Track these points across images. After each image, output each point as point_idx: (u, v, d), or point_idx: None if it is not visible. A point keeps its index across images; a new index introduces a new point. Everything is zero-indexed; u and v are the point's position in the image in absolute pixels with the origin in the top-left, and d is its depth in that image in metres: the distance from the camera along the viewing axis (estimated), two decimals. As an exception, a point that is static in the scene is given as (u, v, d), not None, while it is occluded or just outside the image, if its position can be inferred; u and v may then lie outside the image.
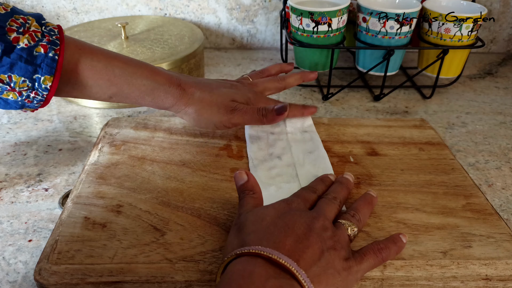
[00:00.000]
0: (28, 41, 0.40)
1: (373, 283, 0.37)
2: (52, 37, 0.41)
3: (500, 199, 0.51)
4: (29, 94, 0.41)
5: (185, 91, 0.48)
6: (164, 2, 0.86)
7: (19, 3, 0.85)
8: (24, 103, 0.42)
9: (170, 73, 0.49)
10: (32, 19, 0.41)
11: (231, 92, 0.50)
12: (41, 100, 0.42)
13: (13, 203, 0.49)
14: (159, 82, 0.47)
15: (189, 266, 0.36)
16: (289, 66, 0.60)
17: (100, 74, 0.44)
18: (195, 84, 0.49)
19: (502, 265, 0.37)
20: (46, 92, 0.42)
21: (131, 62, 0.47)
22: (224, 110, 0.48)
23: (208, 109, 0.48)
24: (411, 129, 0.56)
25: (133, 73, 0.46)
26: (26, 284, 0.40)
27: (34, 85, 0.41)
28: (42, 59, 0.40)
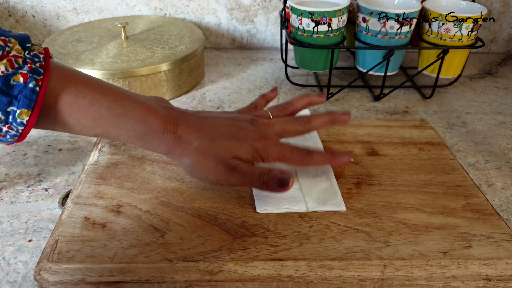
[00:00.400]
0: (6, 68, 0.34)
1: (373, 283, 0.37)
2: (35, 64, 0.36)
3: (500, 199, 0.51)
4: (1, 127, 0.36)
5: (181, 139, 0.41)
6: (164, 2, 0.86)
7: (19, 3, 0.85)
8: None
9: (169, 111, 0.42)
10: (15, 42, 0.36)
11: (235, 145, 0.41)
12: (15, 135, 0.37)
13: (13, 203, 0.49)
14: (152, 127, 0.40)
15: (189, 266, 0.36)
16: (321, 98, 0.50)
17: (84, 113, 0.38)
18: (194, 129, 0.41)
19: (502, 265, 0.37)
20: (22, 127, 0.36)
21: (122, 99, 0.40)
22: (222, 168, 0.40)
23: (204, 164, 0.40)
24: (411, 129, 0.56)
25: (123, 114, 0.39)
26: (26, 284, 0.40)
27: (7, 118, 0.35)
28: (20, 89, 0.35)
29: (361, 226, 0.41)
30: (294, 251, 0.38)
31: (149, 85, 0.67)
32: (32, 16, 0.87)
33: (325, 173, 0.47)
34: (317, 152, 0.44)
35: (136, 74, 0.66)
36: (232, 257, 0.37)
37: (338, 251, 0.38)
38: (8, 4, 0.86)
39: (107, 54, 0.69)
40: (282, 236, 0.39)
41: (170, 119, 0.41)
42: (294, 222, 0.41)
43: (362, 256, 0.37)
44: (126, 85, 0.66)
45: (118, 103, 0.39)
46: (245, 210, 0.42)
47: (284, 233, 0.40)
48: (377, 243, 0.39)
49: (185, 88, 0.73)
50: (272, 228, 0.40)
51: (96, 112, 0.38)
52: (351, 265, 0.37)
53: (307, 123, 0.46)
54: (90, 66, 0.65)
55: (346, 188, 0.46)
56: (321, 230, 0.40)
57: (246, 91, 0.74)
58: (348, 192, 0.45)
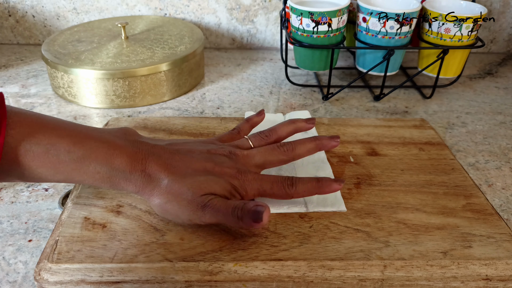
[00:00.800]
0: None
1: (373, 283, 0.37)
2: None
3: (500, 199, 0.51)
4: None
5: (151, 177, 0.38)
6: (164, 2, 0.86)
7: (19, 3, 0.85)
8: None
9: (137, 147, 0.39)
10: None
11: (208, 181, 0.38)
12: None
13: (13, 203, 0.49)
14: (117, 168, 0.37)
15: (189, 266, 0.36)
16: (309, 125, 0.48)
17: (41, 161, 0.35)
18: (165, 166, 0.38)
19: (502, 265, 0.37)
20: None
21: (83, 140, 0.37)
22: (195, 206, 0.37)
23: (175, 204, 0.38)
24: (411, 129, 0.56)
25: (84, 157, 0.36)
26: (26, 284, 0.40)
27: None
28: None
29: (361, 226, 0.41)
30: (294, 251, 0.38)
31: (149, 85, 0.67)
32: (32, 16, 0.87)
33: (325, 174, 0.47)
34: (301, 181, 0.40)
35: (136, 74, 0.66)
36: (232, 257, 0.37)
37: (338, 251, 0.38)
38: (8, 4, 0.86)
39: (107, 54, 0.69)
40: (282, 236, 0.39)
41: (138, 156, 0.38)
42: (294, 222, 0.41)
43: (362, 256, 0.37)
44: (126, 85, 0.66)
45: (79, 145, 0.36)
46: (245, 210, 0.42)
47: (284, 233, 0.40)
48: (377, 243, 0.39)
49: (185, 88, 0.73)
50: (272, 228, 0.40)
51: (54, 158, 0.35)
52: (351, 265, 0.37)
53: (291, 151, 0.43)
54: (90, 66, 0.65)
55: (346, 188, 0.46)
56: (321, 230, 0.40)
57: (246, 91, 0.74)
58: (348, 192, 0.45)
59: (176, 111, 0.68)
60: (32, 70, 0.79)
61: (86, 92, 0.67)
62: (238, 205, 0.37)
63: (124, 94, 0.67)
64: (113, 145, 0.38)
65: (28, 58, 0.84)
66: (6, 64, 0.82)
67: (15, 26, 0.88)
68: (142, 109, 0.68)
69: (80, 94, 0.67)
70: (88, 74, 0.65)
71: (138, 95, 0.67)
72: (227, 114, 0.67)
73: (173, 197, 0.38)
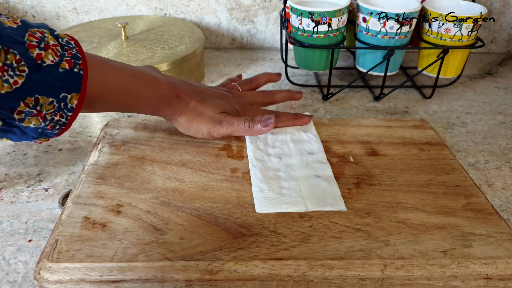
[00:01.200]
0: (53, 57, 0.36)
1: (373, 282, 0.37)
2: (72, 50, 0.38)
3: (500, 199, 0.51)
4: (53, 117, 0.38)
5: (182, 100, 0.49)
6: (164, 2, 0.86)
7: (19, 3, 0.85)
8: (45, 130, 0.39)
9: (168, 79, 0.49)
10: (47, 31, 0.37)
11: (222, 103, 0.51)
12: (63, 124, 0.39)
13: (13, 203, 0.49)
14: (162, 93, 0.47)
15: (189, 266, 0.36)
16: (277, 77, 0.63)
17: (112, 90, 0.43)
18: (190, 92, 0.50)
19: (502, 264, 0.37)
20: (71, 113, 0.39)
21: (136, 73, 0.46)
22: (214, 121, 0.49)
23: (199, 119, 0.49)
24: (411, 129, 0.56)
25: (141, 86, 0.45)
26: (26, 284, 0.40)
27: (60, 105, 0.38)
28: (68, 75, 0.37)
29: (361, 225, 0.41)
30: (294, 251, 0.38)
31: (149, 85, 0.67)
32: (32, 16, 0.87)
33: (325, 174, 0.47)
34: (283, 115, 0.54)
35: (136, 74, 0.65)
36: (232, 257, 0.37)
37: (338, 251, 0.38)
38: (8, 4, 0.86)
39: (107, 54, 0.69)
40: (282, 235, 0.39)
41: (172, 85, 0.48)
42: (294, 222, 0.41)
43: (362, 256, 0.37)
44: (126, 85, 0.66)
45: (136, 77, 0.45)
46: (245, 210, 0.42)
47: (284, 232, 0.40)
48: (377, 242, 0.39)
49: (185, 88, 0.73)
50: (272, 228, 0.40)
51: (121, 88, 0.43)
52: (351, 264, 0.37)
53: (271, 96, 0.58)
54: (90, 66, 0.65)
55: (346, 188, 0.46)
56: (321, 230, 0.40)
57: (246, 91, 0.74)
58: (348, 192, 0.45)
59: (176, 111, 0.68)
60: (32, 70, 0.79)
61: (86, 92, 0.67)
62: (248, 118, 0.50)
63: (124, 94, 0.66)
64: (156, 78, 0.47)
65: (28, 58, 0.84)
66: (6, 64, 0.82)
67: (15, 26, 0.88)
68: (142, 109, 0.68)
69: (80, 94, 0.67)
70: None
71: (138, 95, 0.67)
72: (227, 114, 0.67)
73: (197, 114, 0.49)
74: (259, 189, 0.44)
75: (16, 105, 0.35)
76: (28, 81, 0.35)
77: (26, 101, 0.35)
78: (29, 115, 0.37)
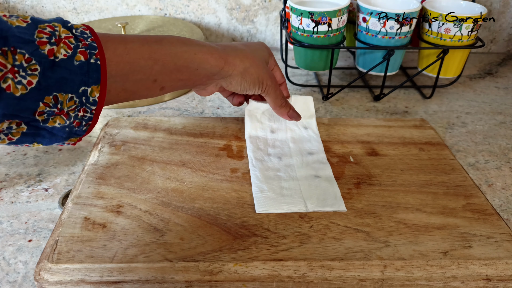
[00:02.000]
0: (65, 51, 0.34)
1: (373, 283, 0.37)
2: (87, 40, 0.36)
3: (500, 199, 0.51)
4: (77, 114, 0.36)
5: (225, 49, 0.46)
6: (164, 2, 0.86)
7: (19, 3, 0.85)
8: (72, 128, 0.37)
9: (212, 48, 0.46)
10: (59, 25, 0.35)
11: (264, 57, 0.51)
12: (89, 119, 0.37)
13: (13, 203, 0.49)
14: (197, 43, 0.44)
15: (189, 266, 0.36)
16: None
17: (139, 53, 0.39)
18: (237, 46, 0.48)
19: (502, 265, 0.37)
20: (95, 106, 0.36)
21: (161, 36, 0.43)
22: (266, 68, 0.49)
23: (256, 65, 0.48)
24: (411, 129, 0.56)
25: (170, 42, 0.42)
26: (26, 284, 0.40)
27: (81, 100, 0.36)
28: (85, 67, 0.35)
29: (361, 226, 0.41)
30: (294, 251, 0.38)
31: (149, 85, 0.67)
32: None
33: (325, 174, 0.47)
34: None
35: (136, 74, 0.65)
36: (232, 257, 0.37)
37: (338, 251, 0.38)
38: (8, 4, 0.86)
39: (107, 54, 0.69)
40: (282, 236, 0.39)
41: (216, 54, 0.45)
42: (294, 222, 0.41)
43: (362, 256, 0.37)
44: (126, 85, 0.66)
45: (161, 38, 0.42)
46: (245, 210, 0.42)
47: (284, 233, 0.40)
48: (377, 243, 0.39)
49: (185, 88, 0.73)
50: (272, 228, 0.40)
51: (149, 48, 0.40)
52: (351, 265, 0.37)
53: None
54: (90, 66, 0.65)
55: (346, 188, 0.46)
56: (321, 230, 0.40)
57: (246, 91, 0.74)
58: (348, 192, 0.45)
59: (176, 111, 0.68)
60: (32, 70, 0.79)
61: (86, 92, 0.67)
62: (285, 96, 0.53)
63: (124, 94, 0.66)
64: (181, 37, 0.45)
65: (28, 58, 0.84)
66: (6, 64, 0.82)
67: (15, 26, 0.88)
68: (142, 109, 0.68)
69: (80, 94, 0.67)
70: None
71: (138, 95, 0.67)
72: (227, 114, 0.67)
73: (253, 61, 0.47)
74: (259, 190, 0.44)
75: (36, 106, 0.34)
76: (42, 79, 0.33)
77: (45, 100, 0.34)
78: (52, 114, 0.35)
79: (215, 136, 0.54)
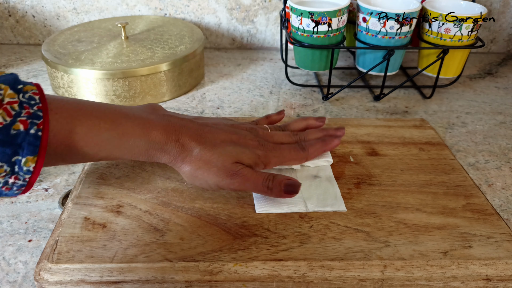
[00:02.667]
0: (3, 118, 0.32)
1: (373, 283, 0.37)
2: (32, 108, 0.33)
3: (500, 199, 0.51)
4: (7, 180, 0.34)
5: (184, 147, 0.41)
6: (164, 2, 0.86)
7: (19, 3, 0.85)
8: (1, 192, 0.35)
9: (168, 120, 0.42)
10: (5, 87, 0.33)
11: (237, 151, 0.42)
12: (22, 186, 0.35)
13: (13, 203, 0.49)
14: (154, 140, 0.40)
15: (189, 266, 0.36)
16: (320, 123, 0.51)
17: (85, 141, 0.37)
18: (195, 136, 0.42)
19: (502, 265, 0.37)
20: (29, 175, 0.34)
21: (120, 118, 0.39)
22: (224, 173, 0.41)
23: (205, 170, 0.41)
24: (411, 129, 0.56)
25: (123, 134, 0.39)
26: (26, 284, 0.40)
27: (13, 169, 0.33)
28: (22, 138, 0.32)
29: (361, 226, 0.41)
30: (294, 251, 0.38)
31: (149, 85, 0.67)
32: (32, 16, 0.87)
33: (325, 174, 0.47)
34: (310, 144, 0.47)
35: (136, 74, 0.66)
36: (232, 257, 0.37)
37: (338, 251, 0.38)
38: (8, 4, 0.86)
39: (107, 54, 0.69)
40: (282, 236, 0.39)
41: (170, 128, 0.41)
42: (294, 222, 0.41)
43: (362, 256, 0.37)
44: (126, 85, 0.66)
45: (117, 123, 0.39)
46: (245, 210, 0.42)
47: (284, 233, 0.40)
48: (377, 243, 0.39)
49: (185, 88, 0.73)
50: (272, 228, 0.40)
51: (97, 137, 0.38)
52: (351, 265, 0.37)
53: (303, 140, 0.48)
54: (90, 66, 0.65)
55: (346, 188, 0.46)
56: (321, 230, 0.40)
57: (246, 91, 0.74)
58: (348, 192, 0.45)
59: (176, 111, 0.68)
60: (32, 70, 0.79)
61: (86, 92, 0.67)
62: (269, 177, 0.41)
63: (124, 94, 0.67)
64: (148, 121, 0.41)
65: (28, 58, 0.84)
66: (6, 64, 0.82)
67: (15, 26, 0.88)
68: (142, 109, 0.68)
69: (80, 94, 0.67)
70: (88, 74, 0.65)
71: (138, 95, 0.67)
72: (227, 114, 0.67)
73: (204, 164, 0.41)
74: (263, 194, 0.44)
75: None
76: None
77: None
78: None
79: (215, 136, 0.54)
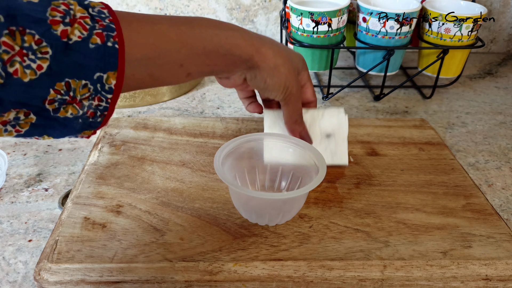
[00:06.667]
0: (80, 32, 0.31)
1: (373, 283, 0.37)
2: (104, 20, 0.32)
3: (500, 199, 0.51)
4: (91, 103, 0.32)
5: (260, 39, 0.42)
6: (164, 2, 0.86)
7: (19, 3, 0.85)
8: (86, 119, 0.33)
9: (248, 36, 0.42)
10: (74, 3, 0.31)
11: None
12: (105, 109, 0.33)
13: (13, 203, 0.49)
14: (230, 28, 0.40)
15: (189, 266, 0.36)
16: None
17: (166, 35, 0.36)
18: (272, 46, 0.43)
19: (502, 265, 0.37)
20: (111, 95, 0.33)
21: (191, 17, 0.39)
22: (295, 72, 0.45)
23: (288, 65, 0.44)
24: (411, 129, 0.56)
25: (200, 25, 0.38)
26: (26, 284, 0.40)
27: (96, 87, 0.32)
28: (101, 51, 0.31)
29: (361, 226, 0.41)
30: (294, 251, 0.38)
31: (149, 85, 0.67)
32: (32, 16, 0.87)
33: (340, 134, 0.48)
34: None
35: (136, 74, 0.65)
36: (232, 257, 0.37)
37: (338, 251, 0.38)
38: (8, 4, 0.86)
39: (107, 54, 0.69)
40: (282, 236, 0.39)
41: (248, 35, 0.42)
42: (294, 222, 0.41)
43: (362, 256, 0.37)
44: (126, 85, 0.66)
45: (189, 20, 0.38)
46: (245, 210, 0.42)
47: (284, 233, 0.40)
48: (377, 243, 0.39)
49: (185, 88, 0.73)
50: (272, 228, 0.40)
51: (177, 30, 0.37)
52: (351, 265, 0.37)
53: None
54: (90, 66, 0.65)
55: (346, 188, 0.46)
56: (321, 230, 0.40)
57: (246, 91, 0.74)
58: (348, 192, 0.45)
59: (176, 111, 0.68)
60: (32, 70, 0.79)
61: (86, 92, 0.67)
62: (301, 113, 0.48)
63: (124, 94, 0.67)
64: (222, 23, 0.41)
65: (28, 58, 0.84)
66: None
67: (15, 26, 0.88)
68: (142, 109, 0.68)
69: (80, 94, 0.67)
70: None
71: (138, 95, 0.67)
72: (227, 114, 0.67)
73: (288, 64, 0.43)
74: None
75: (46, 94, 0.30)
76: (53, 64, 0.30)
77: (56, 87, 0.30)
78: (63, 103, 0.31)
79: (215, 136, 0.54)
